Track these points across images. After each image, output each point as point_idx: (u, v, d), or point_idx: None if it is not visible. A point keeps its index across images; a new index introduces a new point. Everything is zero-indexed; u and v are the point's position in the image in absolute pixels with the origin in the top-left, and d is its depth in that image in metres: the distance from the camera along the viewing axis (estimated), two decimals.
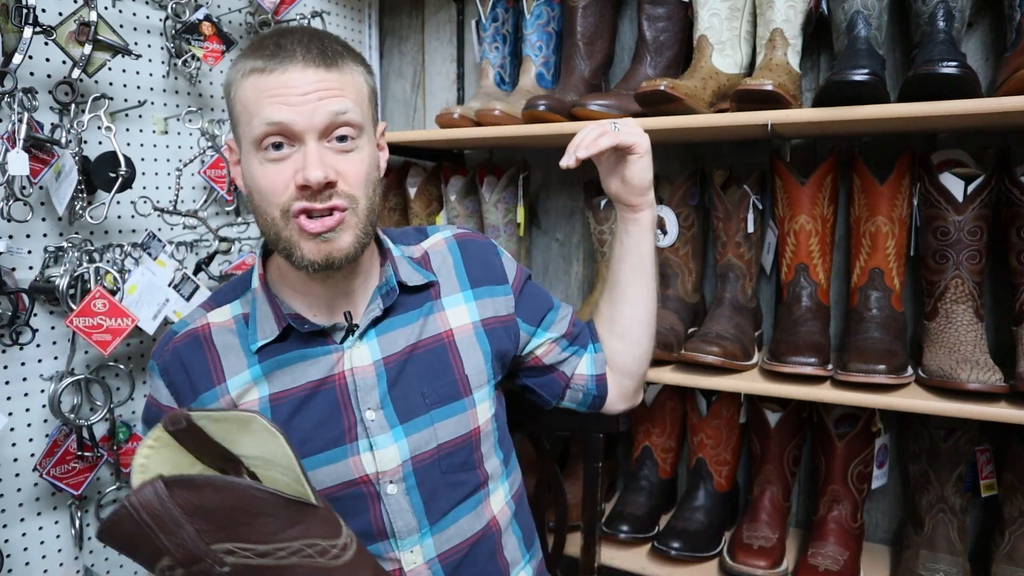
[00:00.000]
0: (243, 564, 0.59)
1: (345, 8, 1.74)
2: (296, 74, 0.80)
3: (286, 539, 0.61)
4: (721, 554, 1.35)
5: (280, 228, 0.84)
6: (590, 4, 1.42)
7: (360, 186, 0.84)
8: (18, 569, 1.15)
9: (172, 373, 0.91)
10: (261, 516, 0.59)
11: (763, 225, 1.41)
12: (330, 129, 0.82)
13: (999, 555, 1.19)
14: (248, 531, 0.59)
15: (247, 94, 0.82)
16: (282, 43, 0.81)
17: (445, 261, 1.01)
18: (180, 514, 0.58)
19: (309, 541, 0.62)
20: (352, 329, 0.91)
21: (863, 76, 1.04)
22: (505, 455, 1.03)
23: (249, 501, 0.59)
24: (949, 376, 1.07)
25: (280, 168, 0.82)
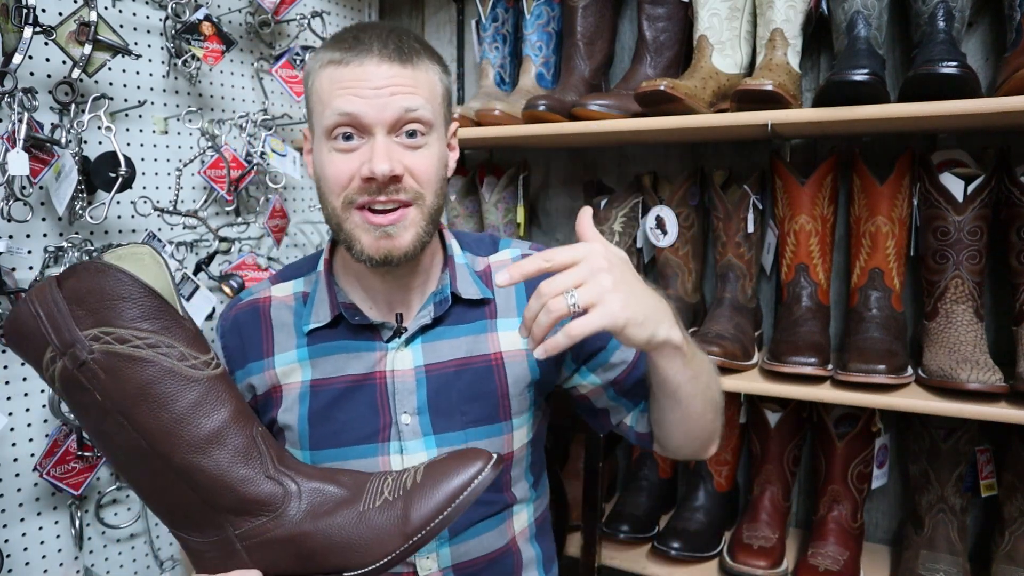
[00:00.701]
0: (106, 351, 0.62)
1: (345, 8, 1.74)
2: (371, 68, 0.81)
3: (145, 329, 0.63)
4: (721, 554, 1.35)
5: (342, 219, 0.85)
6: (590, 4, 1.42)
7: (427, 182, 0.85)
8: (18, 569, 1.15)
9: (228, 337, 0.95)
10: (124, 300, 0.63)
11: (763, 225, 1.41)
12: (400, 124, 0.82)
13: (999, 555, 1.19)
14: (112, 314, 0.63)
15: (322, 84, 0.84)
16: (360, 37, 0.83)
17: None
18: (62, 300, 0.63)
19: (168, 340, 0.64)
20: (400, 332, 0.91)
21: (863, 76, 1.04)
22: (535, 478, 1.02)
23: (116, 284, 0.63)
24: (949, 376, 1.07)
25: (347, 159, 0.83)
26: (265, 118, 1.49)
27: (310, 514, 0.67)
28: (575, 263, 0.71)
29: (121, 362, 0.63)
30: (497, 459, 0.69)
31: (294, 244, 1.63)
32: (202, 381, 0.66)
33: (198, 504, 0.66)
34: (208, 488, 0.66)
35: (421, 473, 0.69)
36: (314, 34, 1.56)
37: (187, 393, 0.65)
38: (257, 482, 0.67)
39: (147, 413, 0.64)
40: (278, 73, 1.48)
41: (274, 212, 1.49)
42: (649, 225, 1.41)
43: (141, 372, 0.63)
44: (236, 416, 0.68)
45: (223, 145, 1.39)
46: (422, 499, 0.66)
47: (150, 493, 0.69)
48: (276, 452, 0.70)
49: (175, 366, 0.64)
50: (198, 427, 0.65)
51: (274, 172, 1.48)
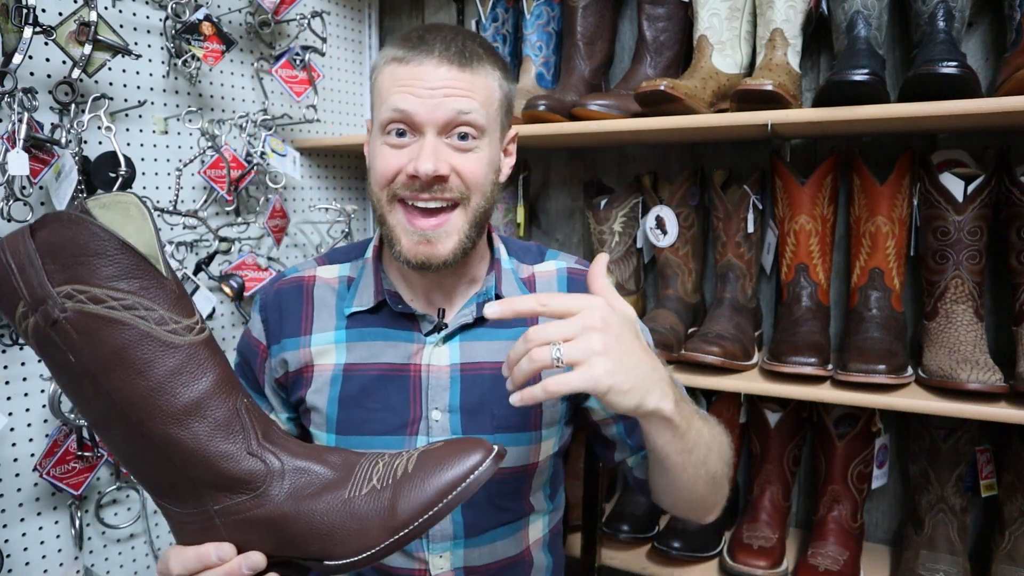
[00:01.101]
0: (79, 310, 0.58)
1: (345, 8, 1.74)
2: (429, 69, 0.82)
3: (121, 290, 0.59)
4: (721, 554, 1.35)
5: (386, 212, 0.87)
6: (590, 4, 1.42)
7: (474, 184, 0.85)
8: (18, 569, 1.15)
9: (269, 311, 0.96)
10: (98, 256, 0.58)
11: (763, 225, 1.41)
12: (451, 125, 0.83)
13: (999, 555, 1.19)
14: (86, 271, 0.58)
15: (384, 79, 0.86)
16: (426, 37, 0.84)
17: (549, 290, 0.99)
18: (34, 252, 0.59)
19: (145, 303, 0.60)
20: (441, 327, 0.92)
21: (863, 76, 1.04)
22: (554, 490, 1.03)
23: (90, 238, 0.58)
24: (949, 376, 1.07)
25: (397, 154, 0.85)
26: (265, 118, 1.49)
27: (292, 496, 0.63)
28: (569, 314, 0.69)
29: (95, 323, 0.59)
30: (498, 452, 0.64)
31: (294, 244, 1.63)
32: (182, 347, 0.61)
33: (177, 475, 0.63)
34: (185, 461, 0.62)
35: (414, 461, 0.64)
36: (314, 34, 1.56)
37: (165, 359, 0.60)
38: (237, 458, 0.63)
39: (122, 379, 0.60)
40: (278, 73, 1.48)
41: (274, 212, 1.49)
42: (649, 225, 1.41)
43: (116, 335, 0.59)
44: (219, 386, 0.63)
45: (223, 145, 1.39)
46: (412, 491, 0.62)
47: (129, 460, 0.65)
48: (261, 426, 0.66)
49: (153, 330, 0.60)
50: (176, 396, 0.61)
51: (274, 172, 1.48)
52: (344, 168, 1.78)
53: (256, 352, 0.98)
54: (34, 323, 0.60)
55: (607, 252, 1.47)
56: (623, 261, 1.48)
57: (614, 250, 1.47)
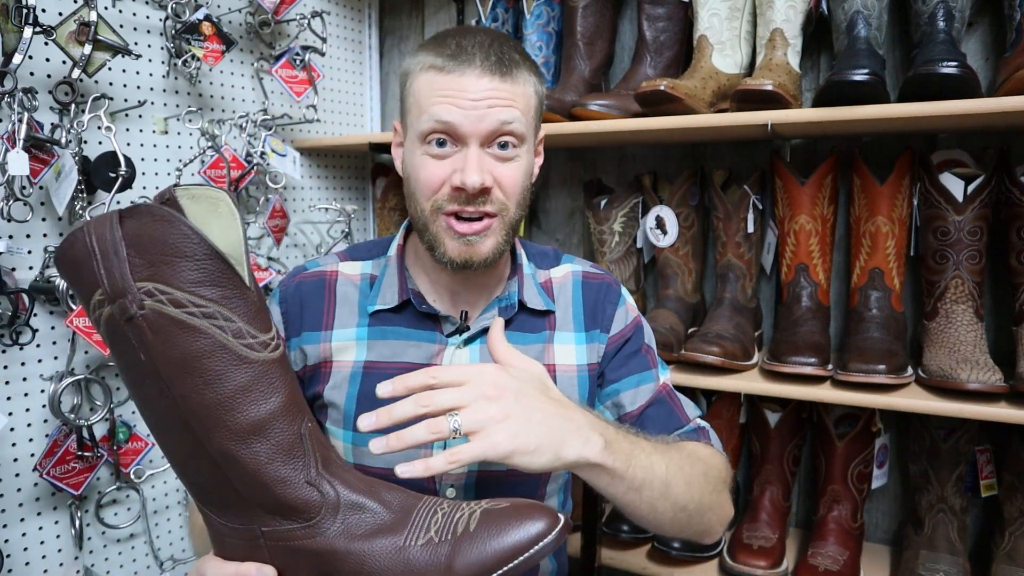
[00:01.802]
0: (157, 310, 0.57)
1: (345, 8, 1.74)
2: (472, 80, 0.82)
3: (203, 297, 0.57)
4: (721, 554, 1.35)
5: (429, 221, 0.86)
6: (590, 4, 1.42)
7: (513, 194, 0.86)
8: (18, 569, 1.15)
9: (289, 303, 0.95)
10: (185, 259, 0.57)
11: (763, 225, 1.41)
12: (493, 136, 0.83)
13: (999, 555, 1.19)
14: (170, 272, 0.57)
15: (421, 87, 0.84)
16: (464, 44, 0.83)
17: (564, 294, 0.99)
18: (120, 242, 0.57)
19: (226, 312, 0.58)
20: (463, 329, 0.92)
21: (863, 76, 1.04)
22: (565, 497, 1.02)
23: (179, 238, 0.57)
24: (949, 376, 1.07)
25: (440, 165, 0.84)
26: (265, 118, 1.49)
27: (345, 532, 0.61)
28: (460, 384, 0.68)
29: (172, 326, 0.57)
30: (565, 523, 0.61)
31: (294, 244, 1.63)
32: (256, 363, 0.59)
33: (228, 488, 0.61)
34: (241, 480, 0.60)
35: (477, 519, 0.61)
36: (314, 34, 1.56)
37: (237, 374, 0.59)
38: (295, 485, 0.61)
39: (191, 387, 0.58)
40: (278, 73, 1.48)
41: (274, 212, 1.49)
42: (649, 225, 1.41)
43: (192, 342, 0.57)
44: (287, 408, 0.62)
45: (223, 145, 1.39)
46: (472, 551, 0.59)
47: (181, 466, 0.64)
48: (322, 453, 0.64)
49: (229, 342, 0.58)
50: (242, 413, 0.59)
51: (274, 172, 1.48)
52: (344, 168, 1.78)
53: None
54: (108, 314, 0.58)
55: (607, 252, 1.47)
56: (623, 261, 1.48)
57: (614, 250, 1.47)
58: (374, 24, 1.83)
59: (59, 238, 1.17)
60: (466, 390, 0.67)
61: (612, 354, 0.98)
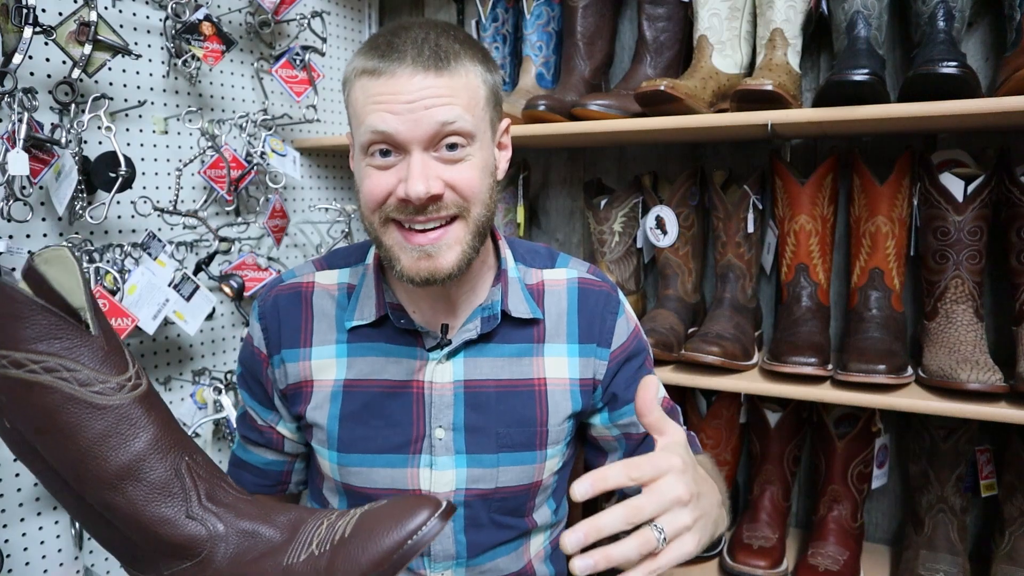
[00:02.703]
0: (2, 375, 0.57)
1: (345, 8, 1.74)
2: (403, 80, 0.75)
3: (42, 352, 0.57)
4: (721, 554, 1.35)
5: (380, 234, 0.81)
6: (590, 4, 1.42)
7: (471, 195, 0.79)
8: (18, 569, 1.15)
9: (268, 319, 0.92)
10: (16, 320, 0.57)
11: (763, 225, 1.41)
12: (437, 138, 0.77)
13: (999, 555, 1.19)
14: (4, 336, 0.57)
15: (357, 96, 0.79)
16: (394, 42, 0.77)
17: (559, 304, 0.93)
18: None
19: (69, 364, 0.58)
20: (444, 344, 0.88)
21: (863, 76, 1.04)
22: (557, 504, 1.00)
23: (4, 301, 0.57)
24: (949, 376, 1.07)
25: (384, 176, 0.78)
26: (265, 118, 1.49)
27: (234, 561, 0.60)
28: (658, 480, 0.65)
29: (19, 388, 0.57)
30: (447, 507, 0.59)
31: (294, 244, 1.63)
32: (111, 409, 0.59)
33: (127, 540, 0.61)
34: (127, 527, 0.59)
35: (353, 524, 0.60)
36: (314, 34, 1.56)
37: (93, 422, 0.58)
38: (177, 523, 0.59)
39: (53, 444, 0.58)
40: (278, 73, 1.48)
41: (274, 212, 1.49)
42: (649, 225, 1.41)
43: (42, 399, 0.57)
44: (154, 445, 0.60)
45: (223, 145, 1.39)
46: (347, 559, 0.58)
47: (84, 525, 0.63)
48: (206, 486, 0.62)
49: (76, 392, 0.58)
50: (106, 460, 0.58)
51: (274, 172, 1.48)
52: (344, 168, 1.78)
53: (259, 361, 0.94)
54: None
55: (607, 252, 1.47)
56: (623, 261, 1.48)
57: (614, 250, 1.47)
58: (374, 24, 1.83)
59: (59, 238, 1.17)
60: (664, 496, 0.64)
61: (616, 370, 0.94)
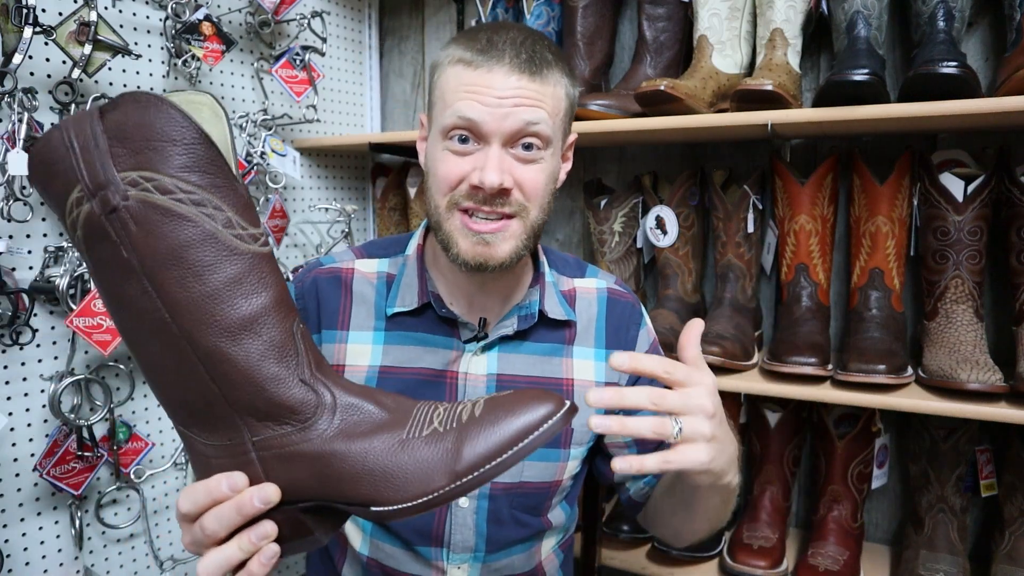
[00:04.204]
0: (143, 199, 0.52)
1: (345, 8, 1.74)
2: (499, 77, 0.79)
3: (192, 183, 0.53)
4: (721, 554, 1.35)
5: (443, 218, 0.84)
6: (590, 4, 1.42)
7: (534, 197, 0.83)
8: (18, 569, 1.15)
9: (306, 299, 0.93)
10: (173, 143, 0.53)
11: (763, 225, 1.41)
12: (517, 136, 0.81)
13: (999, 555, 1.19)
14: (157, 158, 0.53)
15: (448, 82, 0.82)
16: (495, 40, 0.80)
17: (589, 309, 0.97)
18: (102, 134, 0.53)
19: (216, 201, 0.54)
20: (481, 336, 0.91)
21: (863, 76, 1.04)
22: (571, 508, 1.02)
23: (165, 121, 0.53)
24: (949, 376, 1.07)
25: (460, 161, 0.81)
26: (265, 118, 1.49)
27: (343, 432, 0.57)
28: (684, 385, 0.69)
29: (157, 215, 0.53)
30: (571, 407, 0.58)
31: (294, 244, 1.63)
32: (247, 255, 0.55)
33: (215, 397, 0.57)
34: (231, 380, 0.56)
35: (481, 407, 0.58)
36: (314, 34, 1.56)
37: (227, 266, 0.54)
38: (288, 384, 0.57)
39: (177, 280, 0.54)
40: (278, 73, 1.48)
41: (274, 212, 1.49)
42: (649, 225, 1.41)
43: (179, 231, 0.53)
44: (278, 304, 0.57)
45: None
46: (479, 436, 0.56)
47: (161, 377, 0.59)
48: (315, 355, 0.60)
49: (219, 232, 0.54)
50: (233, 308, 0.55)
51: (274, 172, 1.48)
52: (344, 168, 1.78)
53: None
54: (87, 211, 0.53)
55: (607, 252, 1.47)
56: (623, 261, 1.48)
57: (614, 250, 1.47)
58: (374, 24, 1.83)
59: (59, 238, 1.18)
60: (691, 400, 0.68)
61: (636, 379, 0.97)
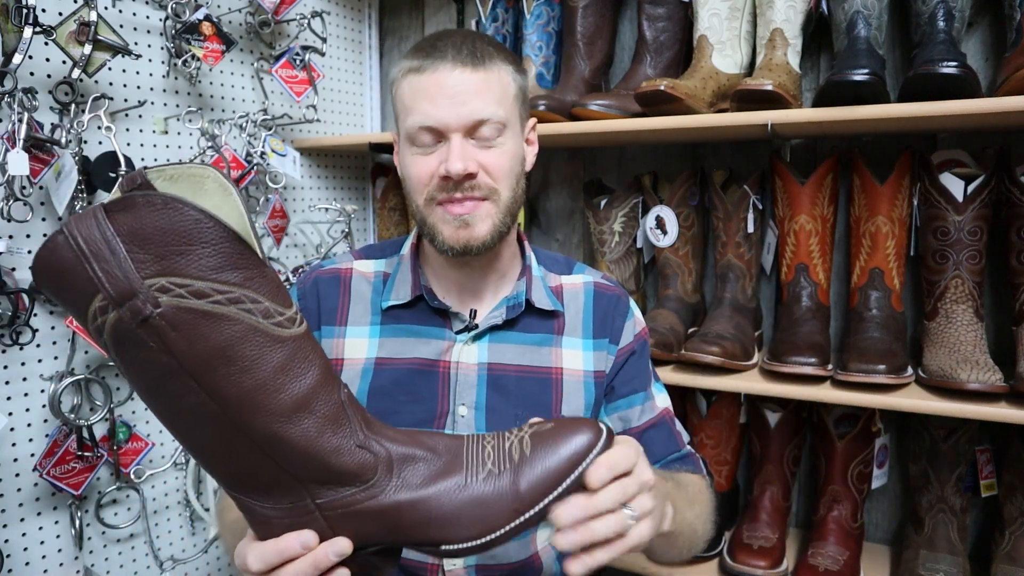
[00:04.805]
0: (177, 305, 0.52)
1: (345, 8, 1.74)
2: (445, 74, 0.86)
3: (225, 281, 0.53)
4: (721, 554, 1.35)
5: (425, 214, 0.91)
6: (590, 4, 1.42)
7: (501, 178, 0.90)
8: (18, 569, 1.15)
9: (307, 299, 0.99)
10: (200, 245, 0.52)
11: (763, 225, 1.41)
12: (474, 126, 0.87)
13: (999, 555, 1.19)
14: (184, 262, 0.52)
15: (404, 92, 0.90)
16: (437, 44, 0.89)
17: (576, 301, 1.02)
18: (115, 238, 0.52)
19: (251, 295, 0.54)
20: (471, 327, 0.95)
21: (863, 76, 1.04)
22: None
23: (188, 223, 0.52)
24: (949, 376, 1.07)
25: (427, 160, 0.89)
26: (265, 118, 1.49)
27: (405, 484, 0.60)
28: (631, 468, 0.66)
29: (197, 319, 0.53)
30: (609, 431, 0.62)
31: (294, 244, 1.63)
32: (289, 340, 0.57)
33: (278, 472, 0.59)
34: (292, 459, 0.58)
35: (529, 444, 0.62)
36: (314, 34, 1.56)
37: (273, 355, 0.56)
38: (348, 452, 0.59)
39: (225, 377, 0.55)
40: (278, 73, 1.48)
41: (274, 212, 1.49)
42: (649, 225, 1.41)
43: (221, 331, 0.54)
44: (324, 379, 0.59)
45: (223, 145, 1.39)
46: (533, 472, 0.60)
47: (213, 461, 0.61)
48: (362, 416, 0.62)
49: (260, 324, 0.55)
50: (285, 393, 0.57)
51: (274, 172, 1.48)
52: (344, 168, 1.78)
53: None
54: (115, 319, 0.53)
55: (607, 252, 1.47)
56: (623, 261, 1.48)
57: (614, 250, 1.47)
58: (374, 24, 1.83)
59: None
60: (640, 478, 0.66)
61: (620, 366, 1.01)
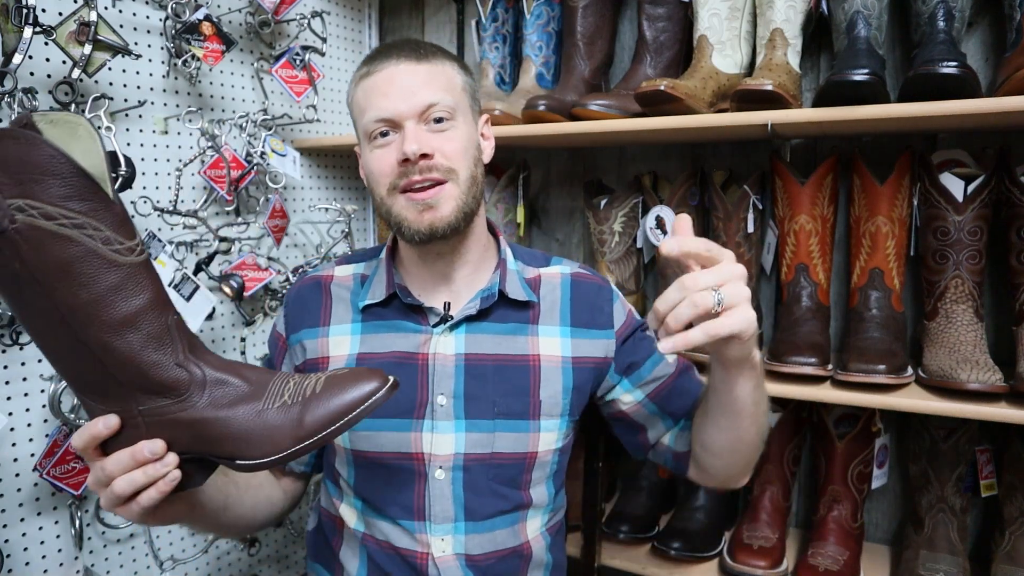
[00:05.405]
0: (30, 223, 0.62)
1: (345, 8, 1.74)
2: (391, 70, 0.93)
3: (72, 209, 0.63)
4: (721, 554, 1.35)
5: (389, 204, 0.95)
6: (590, 4, 1.42)
7: (456, 158, 0.94)
8: (18, 569, 1.15)
9: (292, 306, 1.07)
10: (52, 176, 0.62)
11: (763, 225, 1.41)
12: (424, 113, 0.92)
13: (999, 555, 1.19)
14: (39, 189, 0.62)
15: (358, 97, 0.96)
16: (384, 48, 0.96)
17: (553, 292, 1.05)
18: None
19: (94, 223, 0.65)
20: (446, 319, 0.99)
21: (863, 76, 1.04)
22: (556, 490, 1.06)
23: (44, 158, 0.62)
24: (949, 376, 1.07)
25: (386, 152, 0.94)
26: (265, 118, 1.49)
27: (212, 403, 0.72)
28: (716, 261, 0.75)
29: (44, 237, 0.63)
30: (393, 383, 0.72)
31: (294, 244, 1.63)
32: (124, 266, 0.67)
33: (109, 378, 0.69)
34: (119, 366, 0.69)
35: (321, 384, 0.73)
36: (314, 34, 1.56)
37: (108, 276, 0.66)
38: (166, 367, 0.70)
39: (66, 290, 0.65)
40: (278, 73, 1.48)
41: (274, 212, 1.49)
42: (649, 225, 1.41)
43: (64, 250, 0.64)
44: (153, 303, 0.70)
45: (223, 145, 1.39)
46: (318, 408, 0.71)
47: (61, 360, 0.71)
48: (188, 340, 0.73)
49: (99, 248, 0.65)
50: (114, 309, 0.67)
51: (274, 172, 1.48)
52: (344, 168, 1.78)
53: (277, 343, 1.09)
54: None
55: (607, 252, 1.47)
56: (623, 261, 1.48)
57: (614, 250, 1.47)
58: (374, 24, 1.83)
59: None
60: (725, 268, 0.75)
61: (623, 343, 1.05)
